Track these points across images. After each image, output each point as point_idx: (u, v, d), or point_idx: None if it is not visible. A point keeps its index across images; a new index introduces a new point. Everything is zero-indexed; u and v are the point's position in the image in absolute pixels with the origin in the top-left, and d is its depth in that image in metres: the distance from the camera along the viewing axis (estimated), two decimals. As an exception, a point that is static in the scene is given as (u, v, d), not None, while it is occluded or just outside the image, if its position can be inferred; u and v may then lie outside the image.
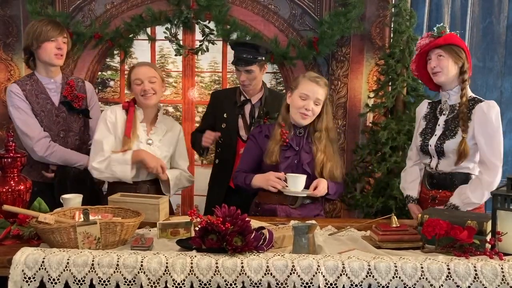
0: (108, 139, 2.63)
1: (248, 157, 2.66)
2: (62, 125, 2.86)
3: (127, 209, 2.22)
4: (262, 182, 2.50)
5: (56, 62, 2.81)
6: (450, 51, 2.45)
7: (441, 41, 2.46)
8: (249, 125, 3.00)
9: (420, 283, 1.72)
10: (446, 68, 2.46)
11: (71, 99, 2.87)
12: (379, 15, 3.69)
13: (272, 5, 3.75)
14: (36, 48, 2.77)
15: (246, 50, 2.91)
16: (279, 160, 2.54)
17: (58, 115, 2.85)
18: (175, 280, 1.72)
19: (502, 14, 3.68)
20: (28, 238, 2.03)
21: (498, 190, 1.97)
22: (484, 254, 1.85)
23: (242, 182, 2.60)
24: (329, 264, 1.73)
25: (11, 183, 2.24)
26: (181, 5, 3.69)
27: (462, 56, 2.46)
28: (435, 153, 2.51)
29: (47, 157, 2.76)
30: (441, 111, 2.58)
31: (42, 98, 2.81)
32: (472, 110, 2.44)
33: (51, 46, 2.76)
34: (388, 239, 2.02)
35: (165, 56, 3.88)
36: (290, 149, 2.57)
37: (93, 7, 3.81)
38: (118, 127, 2.65)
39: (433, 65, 2.48)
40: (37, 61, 2.82)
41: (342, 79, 3.77)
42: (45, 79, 2.84)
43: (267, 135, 2.62)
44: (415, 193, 2.65)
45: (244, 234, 1.81)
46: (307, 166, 2.55)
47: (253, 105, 3.00)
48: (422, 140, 2.57)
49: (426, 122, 2.61)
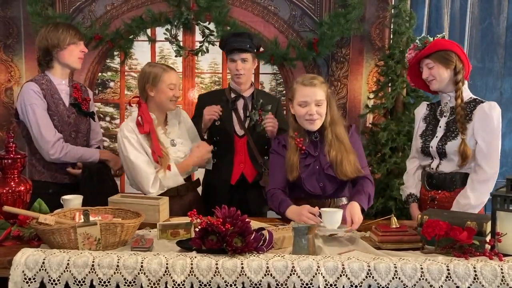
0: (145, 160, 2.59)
1: (276, 172, 2.55)
2: (72, 126, 2.88)
3: (127, 210, 2.23)
4: (295, 217, 2.33)
5: (78, 65, 2.88)
6: (437, 58, 2.46)
7: (426, 51, 2.48)
8: (243, 120, 3.00)
9: (419, 284, 1.72)
10: (438, 76, 2.48)
11: (80, 102, 2.91)
12: (378, 16, 3.69)
13: (272, 6, 3.75)
14: (60, 50, 2.79)
15: (241, 39, 2.94)
16: (300, 171, 2.46)
17: (69, 116, 2.87)
18: (175, 281, 1.72)
19: (501, 15, 3.69)
20: (28, 239, 2.03)
21: (497, 191, 1.97)
22: (484, 255, 1.85)
23: (276, 208, 2.48)
24: (329, 265, 1.73)
25: (12, 184, 2.24)
26: (181, 6, 3.70)
27: (451, 59, 2.46)
28: (437, 154, 2.51)
29: (62, 158, 2.77)
30: (441, 113, 2.58)
31: (56, 98, 2.82)
32: (474, 110, 2.44)
33: (76, 49, 2.82)
34: (388, 240, 2.02)
35: (165, 57, 3.88)
36: (309, 156, 2.49)
37: (93, 8, 3.81)
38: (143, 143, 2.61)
39: (425, 75, 2.51)
40: (55, 62, 2.83)
41: (342, 80, 3.77)
42: (57, 80, 2.85)
43: (285, 145, 2.55)
44: (418, 192, 2.64)
45: (244, 235, 1.81)
46: (329, 170, 2.45)
47: (245, 99, 3.02)
48: (423, 141, 2.57)
49: (426, 124, 2.61)
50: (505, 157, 3.60)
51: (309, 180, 2.48)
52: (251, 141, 2.96)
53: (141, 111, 2.63)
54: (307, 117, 2.43)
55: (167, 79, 2.64)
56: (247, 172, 2.98)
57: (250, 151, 2.97)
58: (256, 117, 2.95)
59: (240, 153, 2.99)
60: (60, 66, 2.84)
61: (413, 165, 2.70)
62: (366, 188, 2.42)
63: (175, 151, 2.69)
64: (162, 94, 2.64)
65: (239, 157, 2.99)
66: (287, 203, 2.40)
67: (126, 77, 3.87)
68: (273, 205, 2.50)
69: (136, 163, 2.57)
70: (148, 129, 2.60)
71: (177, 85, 2.68)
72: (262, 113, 2.95)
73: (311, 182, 2.49)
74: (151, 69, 2.68)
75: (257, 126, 2.95)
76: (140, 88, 2.71)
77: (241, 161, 2.99)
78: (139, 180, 2.58)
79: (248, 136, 2.96)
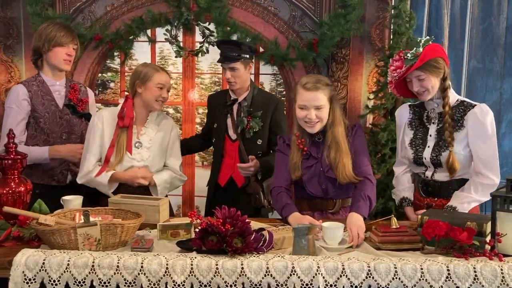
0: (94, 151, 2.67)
1: (281, 170, 2.53)
2: (65, 127, 2.89)
3: (127, 211, 2.23)
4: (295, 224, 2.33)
5: (64, 67, 2.87)
6: (428, 68, 2.35)
7: (418, 63, 2.34)
8: (236, 124, 3.00)
9: (420, 284, 1.72)
10: (430, 87, 2.38)
11: (75, 103, 2.92)
12: (378, 16, 3.69)
13: (272, 6, 3.75)
14: (46, 51, 2.81)
15: (229, 47, 2.93)
16: (302, 172, 2.46)
17: (61, 117, 2.88)
18: (175, 281, 1.72)
19: (501, 16, 3.68)
20: (28, 240, 2.03)
21: (497, 192, 1.97)
22: (484, 255, 1.86)
23: (279, 210, 2.45)
24: (329, 265, 1.74)
25: (12, 185, 2.24)
26: (181, 7, 3.69)
27: (441, 67, 2.37)
28: (431, 164, 2.46)
29: None
30: (429, 119, 2.50)
31: (47, 99, 2.84)
32: (465, 116, 2.39)
33: (61, 51, 2.82)
34: (388, 240, 2.02)
35: (165, 58, 3.88)
36: (311, 158, 2.48)
37: (94, 8, 3.81)
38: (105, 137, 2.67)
39: (416, 88, 2.40)
40: (45, 63, 2.86)
41: (342, 81, 3.77)
42: (50, 80, 2.88)
43: (288, 144, 2.54)
44: (411, 196, 2.58)
45: (244, 235, 1.81)
46: (330, 172, 2.43)
47: (239, 104, 3.02)
48: (414, 152, 2.50)
49: (414, 131, 2.53)
50: (505, 158, 3.60)
51: (311, 182, 2.47)
52: (242, 146, 2.95)
53: (126, 105, 2.68)
54: (306, 120, 2.40)
55: (157, 79, 2.67)
56: (236, 176, 2.97)
57: (241, 156, 2.96)
58: (244, 124, 2.95)
59: (230, 157, 3.00)
60: (48, 67, 2.87)
61: (401, 169, 2.65)
62: (365, 192, 2.33)
63: (134, 153, 2.67)
64: (149, 92, 2.67)
65: (229, 161, 3.00)
66: (291, 209, 2.36)
67: (126, 78, 3.87)
68: (276, 206, 2.48)
69: (86, 149, 2.67)
70: (128, 124, 2.64)
71: (166, 87, 2.70)
72: (252, 120, 2.94)
73: (313, 184, 2.48)
74: (143, 68, 2.74)
75: (246, 132, 2.95)
76: (130, 84, 2.76)
77: (230, 165, 2.99)
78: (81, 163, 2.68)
79: (239, 141, 2.96)
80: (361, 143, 2.49)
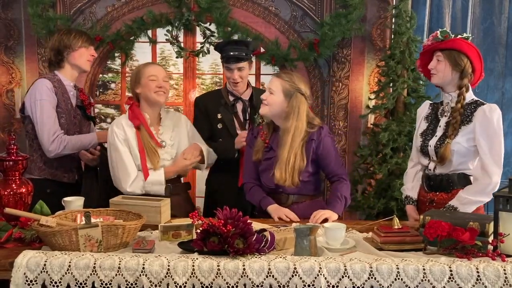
0: (129, 157, 2.63)
1: (249, 165, 2.65)
2: (77, 126, 2.94)
3: (128, 212, 2.23)
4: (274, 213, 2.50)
5: (87, 67, 2.98)
6: (449, 55, 2.46)
7: (442, 44, 2.48)
8: (243, 122, 3.02)
9: (422, 285, 1.72)
10: (441, 72, 2.47)
11: (85, 105, 3.00)
12: (379, 16, 3.69)
13: (273, 7, 3.75)
14: (71, 51, 2.87)
15: (237, 47, 2.95)
16: (261, 158, 2.58)
17: (75, 116, 2.93)
18: (177, 282, 1.72)
19: (503, 15, 3.68)
20: (29, 241, 2.03)
21: (500, 192, 1.97)
22: (486, 255, 1.85)
23: (257, 203, 2.61)
24: (331, 266, 1.73)
25: (13, 186, 2.24)
26: (182, 8, 3.69)
27: (461, 63, 2.44)
28: (434, 154, 2.51)
29: (62, 152, 2.79)
30: (442, 112, 2.58)
31: (65, 98, 2.89)
32: (474, 112, 2.44)
33: (86, 52, 2.92)
34: (390, 240, 2.02)
35: (166, 58, 3.89)
36: (271, 151, 2.56)
37: (94, 9, 3.81)
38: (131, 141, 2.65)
39: (431, 66, 2.52)
40: (65, 63, 2.90)
41: (343, 81, 3.77)
42: (66, 80, 2.92)
43: (256, 136, 2.64)
44: (414, 194, 2.63)
45: (245, 236, 1.81)
46: None
47: (244, 102, 3.03)
48: (422, 140, 2.57)
49: (427, 123, 2.61)
50: (507, 158, 3.58)
51: (265, 174, 2.57)
52: None
53: (132, 109, 2.71)
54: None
55: (146, 72, 2.68)
56: None
57: None
58: (259, 120, 2.94)
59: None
60: (70, 67, 2.91)
61: (411, 164, 2.71)
62: (342, 192, 2.53)
63: (162, 153, 2.69)
64: (145, 87, 2.67)
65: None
66: (269, 201, 2.55)
67: (127, 79, 3.87)
68: (253, 199, 2.63)
69: (120, 158, 2.62)
70: (139, 122, 2.65)
71: (159, 77, 2.67)
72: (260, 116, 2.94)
73: (266, 176, 2.57)
74: (135, 70, 2.79)
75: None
76: (131, 90, 2.79)
77: None
78: (119, 175, 2.62)
79: None
80: (330, 145, 2.58)
